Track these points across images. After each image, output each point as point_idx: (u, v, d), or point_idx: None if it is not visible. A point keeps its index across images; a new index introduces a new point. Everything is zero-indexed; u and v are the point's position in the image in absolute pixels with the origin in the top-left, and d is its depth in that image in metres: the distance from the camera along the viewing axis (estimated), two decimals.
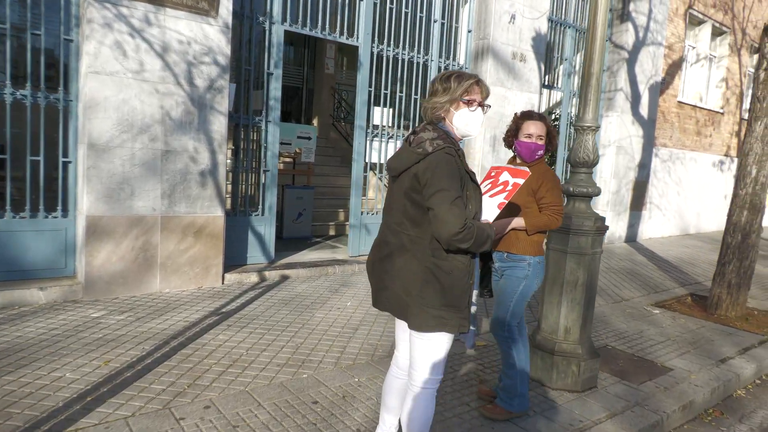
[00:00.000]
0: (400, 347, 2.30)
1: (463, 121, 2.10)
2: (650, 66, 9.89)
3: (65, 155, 4.73)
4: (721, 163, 12.88)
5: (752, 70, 13.90)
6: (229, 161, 6.04)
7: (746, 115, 13.86)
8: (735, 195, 5.46)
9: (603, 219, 3.33)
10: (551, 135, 2.88)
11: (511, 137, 2.95)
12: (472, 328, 2.16)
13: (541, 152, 2.87)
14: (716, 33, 12.20)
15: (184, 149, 4.99)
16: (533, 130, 2.85)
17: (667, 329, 4.70)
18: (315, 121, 11.67)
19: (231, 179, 6.08)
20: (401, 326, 2.25)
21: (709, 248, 9.92)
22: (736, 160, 13.45)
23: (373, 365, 3.50)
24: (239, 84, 5.67)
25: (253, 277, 5.55)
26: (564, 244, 3.27)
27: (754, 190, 5.35)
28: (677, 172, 11.35)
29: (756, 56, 13.83)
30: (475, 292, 2.17)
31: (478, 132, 2.18)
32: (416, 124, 7.19)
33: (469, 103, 2.08)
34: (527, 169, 2.43)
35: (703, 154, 12.08)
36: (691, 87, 12.03)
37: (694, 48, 11.92)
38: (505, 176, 2.43)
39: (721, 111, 12.48)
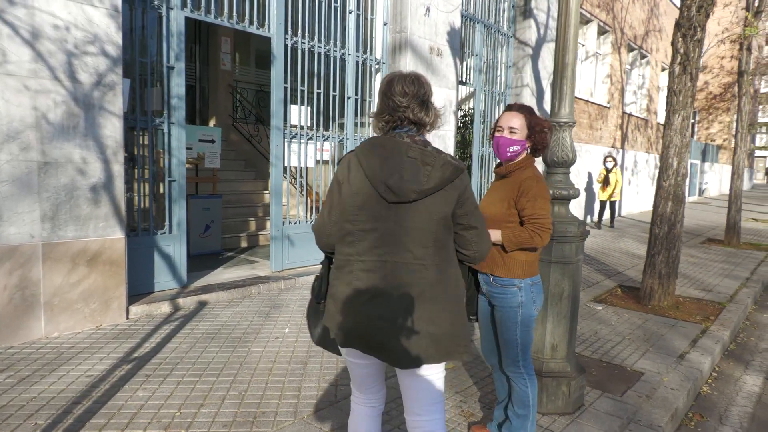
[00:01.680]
0: (373, 389, 2.00)
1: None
2: (550, 62, 10.18)
3: None
4: (610, 154, 13.75)
5: (629, 67, 15.04)
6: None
7: (627, 109, 14.99)
8: (659, 187, 5.59)
9: (584, 222, 3.07)
10: (534, 129, 2.39)
11: (490, 136, 2.53)
12: None
13: (515, 148, 2.40)
14: (601, 32, 12.97)
15: (69, 160, 4.04)
16: (502, 121, 2.43)
17: (617, 327, 4.64)
18: (212, 122, 10.65)
19: (128, 192, 5.13)
20: (401, 376, 1.89)
21: (611, 236, 10.46)
22: (622, 151, 14.47)
23: (339, 409, 2.95)
24: (133, 80, 4.76)
25: (165, 307, 4.70)
26: (547, 254, 2.95)
27: (676, 181, 5.50)
28: (576, 164, 11.88)
29: (631, 54, 14.99)
30: None
31: None
32: (335, 124, 6.67)
33: None
34: None
35: (596, 146, 12.80)
36: (583, 83, 12.67)
37: (583, 45, 12.56)
38: None
39: (608, 105, 13.31)
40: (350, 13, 6.66)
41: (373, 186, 1.77)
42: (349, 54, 6.69)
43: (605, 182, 11.38)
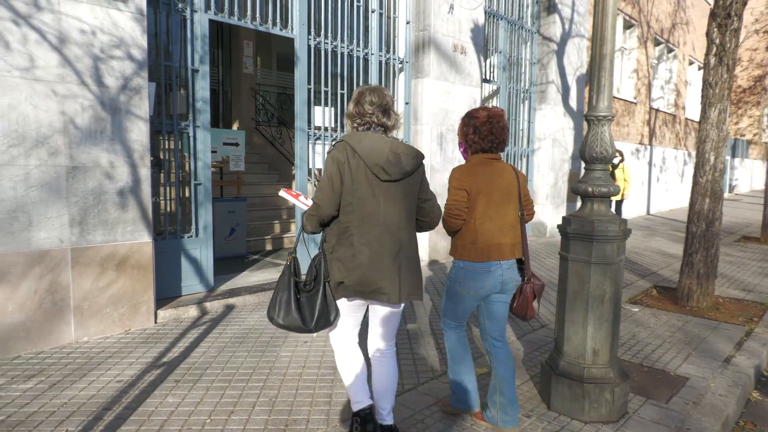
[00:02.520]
0: (358, 328, 2.57)
1: None
2: (576, 58, 9.96)
3: None
4: (638, 151, 13.43)
5: (655, 62, 14.68)
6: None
7: (655, 105, 14.63)
8: (695, 183, 5.38)
9: (626, 221, 2.93)
10: (463, 131, 2.71)
11: None
12: None
13: (461, 150, 2.82)
14: (627, 26, 12.68)
15: (96, 164, 4.04)
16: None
17: (656, 329, 4.46)
18: (235, 126, 10.69)
19: (154, 195, 5.13)
20: (378, 314, 2.50)
21: (642, 234, 10.19)
22: (650, 147, 14.13)
23: None
24: (159, 84, 4.76)
25: (193, 311, 4.68)
26: (587, 254, 2.83)
27: (713, 177, 5.29)
28: None
29: (658, 48, 14.62)
30: None
31: None
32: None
33: None
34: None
35: (623, 143, 12.50)
36: None
37: None
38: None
39: (635, 101, 13.00)
40: (373, 12, 6.59)
41: (368, 167, 2.30)
42: (372, 53, 6.62)
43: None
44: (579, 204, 2.98)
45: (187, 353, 3.78)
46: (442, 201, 2.93)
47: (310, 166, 6.02)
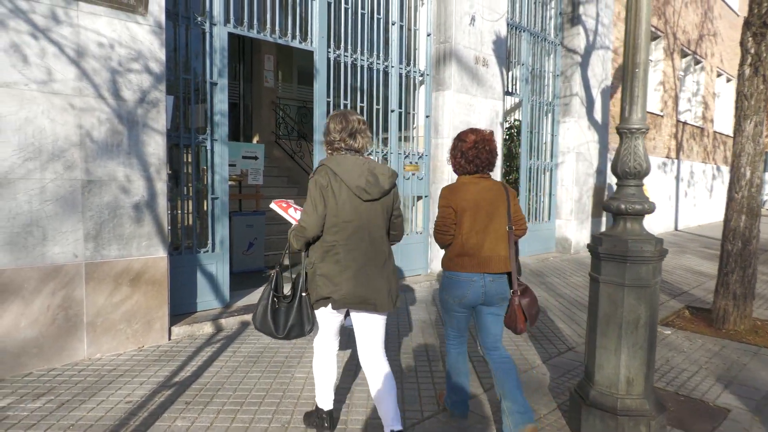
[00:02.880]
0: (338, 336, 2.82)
1: None
2: (600, 70, 9.76)
3: None
4: (665, 165, 13.08)
5: (682, 74, 14.35)
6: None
7: (682, 117, 14.28)
8: (730, 199, 5.12)
9: (662, 240, 2.74)
10: (452, 153, 2.89)
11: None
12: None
13: (450, 168, 3.21)
14: (652, 37, 12.42)
15: (112, 178, 3.99)
16: None
17: (691, 354, 4.22)
18: (255, 139, 10.69)
19: (171, 210, 5.08)
20: (362, 325, 2.64)
21: (671, 251, 9.84)
22: (677, 161, 13.76)
23: None
24: (177, 97, 4.72)
25: (207, 328, 4.58)
26: (620, 276, 2.64)
27: (750, 193, 5.03)
28: None
29: (684, 60, 14.30)
30: None
31: None
32: (379, 137, 6.50)
33: None
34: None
35: (650, 156, 12.16)
36: None
37: None
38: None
39: (661, 114, 12.69)
40: (393, 24, 6.51)
41: (350, 189, 2.47)
42: (392, 66, 6.53)
43: None
44: (604, 220, 2.80)
45: (200, 373, 3.66)
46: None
47: None
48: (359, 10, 6.12)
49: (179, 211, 4.89)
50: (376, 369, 2.62)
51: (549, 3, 9.16)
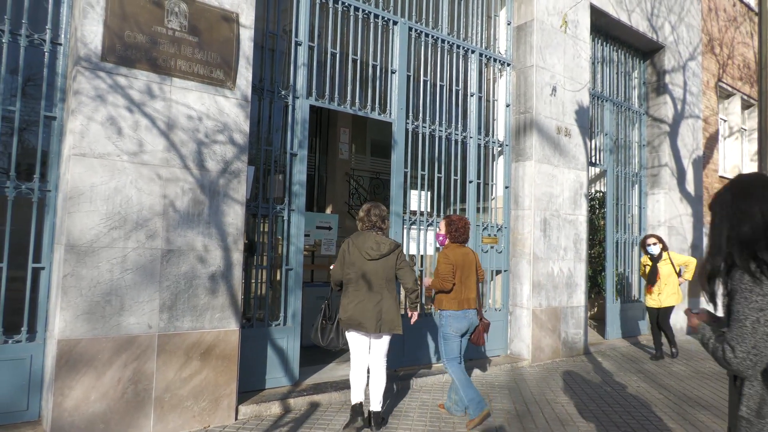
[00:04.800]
0: (366, 353, 4.05)
1: None
2: (691, 140, 9.19)
3: (37, 260, 3.69)
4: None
5: None
6: None
7: None
8: None
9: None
10: (449, 227, 4.46)
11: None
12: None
13: (441, 238, 4.56)
14: (745, 105, 11.72)
15: (191, 247, 3.95)
16: (440, 227, 4.62)
17: None
18: (329, 210, 10.78)
19: (244, 279, 5.00)
20: (371, 341, 4.03)
21: None
22: None
23: None
24: (257, 168, 4.75)
25: (275, 408, 4.31)
26: None
27: None
28: None
29: None
30: None
31: None
32: (454, 208, 6.27)
33: None
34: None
35: None
36: (728, 161, 11.35)
37: (725, 121, 11.36)
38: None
39: None
40: (472, 95, 6.44)
41: (359, 252, 3.95)
42: (470, 137, 6.39)
43: (652, 277, 6.87)
44: (703, 300, 2.33)
45: None
46: (549, 291, 2.42)
47: (404, 252, 5.69)
48: (438, 82, 6.10)
49: (253, 281, 4.79)
50: (375, 369, 4.01)
51: (632, 73, 8.87)
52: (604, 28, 8.11)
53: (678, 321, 8.51)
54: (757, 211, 1.67)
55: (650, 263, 6.95)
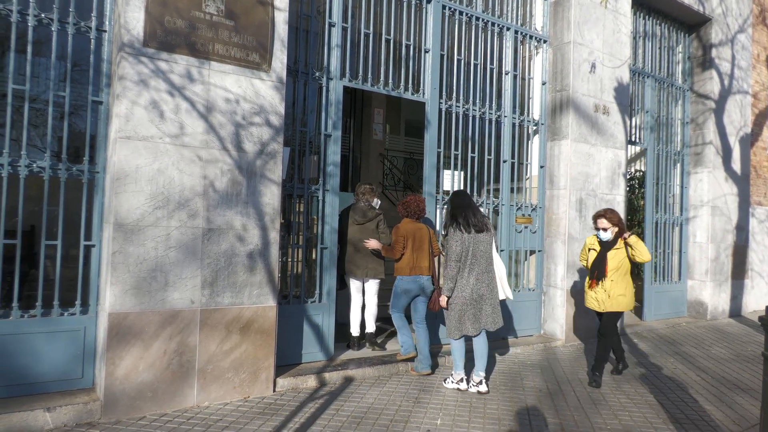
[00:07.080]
0: (361, 295, 5.57)
1: None
2: (738, 116, 8.82)
3: (88, 238, 3.91)
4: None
5: None
6: None
7: None
8: None
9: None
10: (402, 207, 5.08)
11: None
12: None
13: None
14: None
15: (230, 226, 4.10)
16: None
17: None
18: None
19: (281, 258, 5.15)
20: (364, 285, 5.53)
21: None
22: None
23: None
24: (292, 149, 4.85)
25: (311, 381, 4.47)
26: None
27: None
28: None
29: None
30: None
31: None
32: (490, 189, 6.25)
33: None
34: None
35: None
36: None
37: None
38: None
39: None
40: (506, 74, 6.35)
41: (353, 219, 5.30)
42: (504, 116, 6.32)
43: (596, 269, 4.84)
44: (748, 282, 2.28)
45: (303, 431, 3.51)
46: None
47: (438, 230, 5.74)
48: (472, 61, 6.05)
49: (289, 260, 4.93)
50: (368, 306, 5.44)
51: (676, 47, 8.54)
52: (646, 1, 7.81)
53: (720, 303, 8.30)
54: None
55: (597, 248, 4.92)
